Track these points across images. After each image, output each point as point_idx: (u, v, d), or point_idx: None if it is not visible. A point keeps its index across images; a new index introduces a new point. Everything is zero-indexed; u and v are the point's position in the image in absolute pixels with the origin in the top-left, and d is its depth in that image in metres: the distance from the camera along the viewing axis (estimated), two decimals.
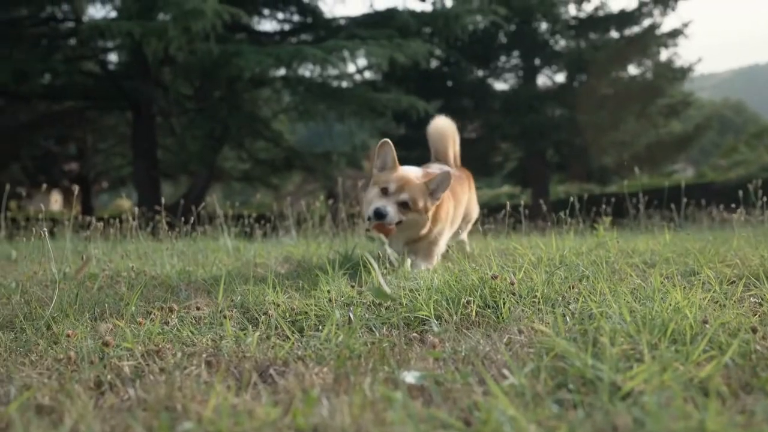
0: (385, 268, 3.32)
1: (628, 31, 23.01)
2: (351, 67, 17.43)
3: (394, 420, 1.33)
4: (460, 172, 4.33)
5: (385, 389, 1.50)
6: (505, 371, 1.65)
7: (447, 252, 4.19)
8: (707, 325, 1.95)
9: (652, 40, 22.63)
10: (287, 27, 18.67)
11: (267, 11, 18.27)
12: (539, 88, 23.78)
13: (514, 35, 22.56)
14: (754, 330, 1.90)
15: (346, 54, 14.64)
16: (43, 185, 10.12)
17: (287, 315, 2.42)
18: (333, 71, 16.55)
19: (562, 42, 23.43)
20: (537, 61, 23.57)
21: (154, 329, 2.16)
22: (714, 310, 2.23)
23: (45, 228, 3.15)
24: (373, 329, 2.21)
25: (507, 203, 4.85)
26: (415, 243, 3.74)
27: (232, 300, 2.71)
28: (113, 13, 17.29)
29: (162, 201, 5.65)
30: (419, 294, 2.50)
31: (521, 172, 25.34)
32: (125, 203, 26.19)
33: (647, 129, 23.17)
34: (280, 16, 18.47)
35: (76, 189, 4.57)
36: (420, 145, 4.49)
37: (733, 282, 2.79)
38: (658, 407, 1.31)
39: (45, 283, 3.33)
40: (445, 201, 3.74)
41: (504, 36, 22.70)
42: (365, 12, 17.51)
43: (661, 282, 2.54)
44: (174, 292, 3.11)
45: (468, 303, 2.36)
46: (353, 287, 2.82)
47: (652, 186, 16.76)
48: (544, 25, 23.07)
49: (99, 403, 1.58)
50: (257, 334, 2.07)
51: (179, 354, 1.91)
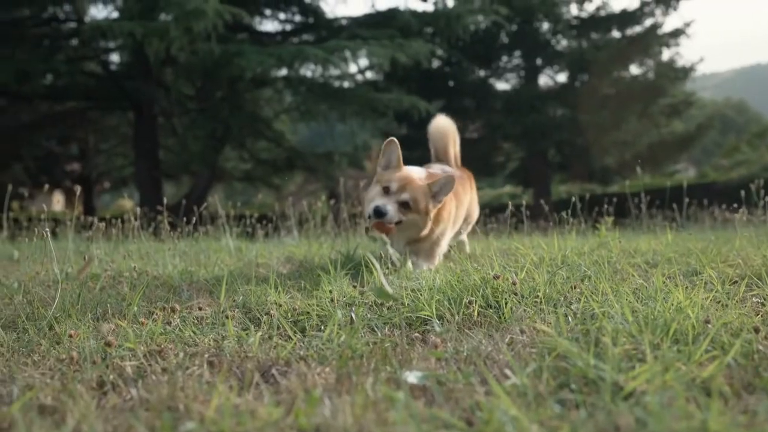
0: (387, 268, 3.31)
1: (629, 31, 23.01)
2: (352, 68, 17.46)
3: (396, 420, 1.33)
4: (461, 172, 4.29)
5: (387, 389, 1.50)
6: (507, 371, 1.65)
7: (449, 252, 4.18)
8: (709, 325, 1.95)
9: (653, 39, 22.62)
10: (289, 27, 18.68)
11: (269, 11, 18.28)
12: (541, 88, 23.79)
13: (515, 35, 22.56)
14: (756, 330, 1.90)
15: (347, 54, 14.65)
16: (45, 185, 10.08)
17: (289, 315, 2.42)
18: (334, 71, 16.57)
19: (563, 42, 23.44)
20: (539, 61, 23.57)
21: (156, 329, 2.16)
22: (716, 310, 2.23)
23: (47, 228, 3.15)
24: (375, 329, 2.21)
25: (509, 203, 4.83)
26: (417, 244, 3.70)
27: (234, 300, 2.71)
28: (115, 14, 17.30)
29: (164, 201, 5.65)
30: (421, 294, 2.50)
31: (523, 172, 25.34)
32: (127, 203, 26.26)
33: (649, 129, 23.17)
34: (281, 16, 18.49)
35: (78, 189, 4.57)
36: (421, 146, 4.47)
37: (736, 282, 2.79)
38: (660, 407, 1.31)
39: (47, 284, 3.33)
40: (448, 202, 3.69)
41: (505, 36, 22.71)
42: (367, 12, 17.53)
43: (664, 282, 2.54)
44: (176, 292, 3.11)
45: (470, 303, 2.36)
46: (355, 287, 2.82)
47: (654, 186, 16.71)
48: (545, 25, 23.07)
49: (101, 403, 1.59)
50: (259, 334, 2.07)
51: (181, 354, 1.92)
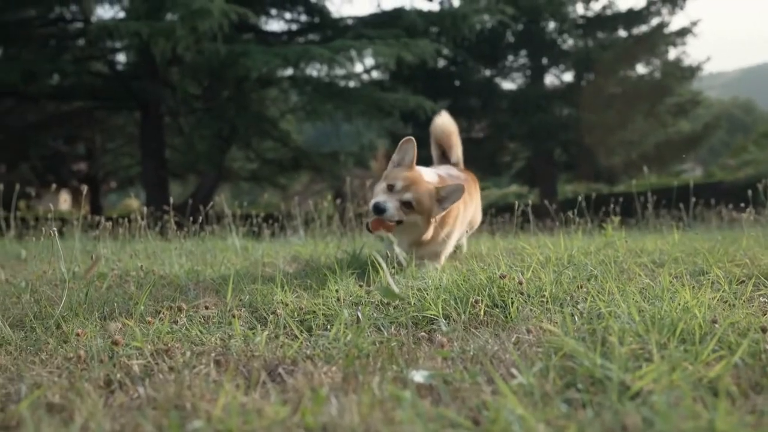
0: (394, 267, 3.31)
1: (636, 30, 22.96)
2: (358, 67, 17.47)
3: (402, 419, 1.33)
4: (465, 174, 4.20)
5: (394, 388, 1.50)
6: (514, 370, 1.65)
7: (453, 252, 4.16)
8: (716, 325, 1.95)
9: (660, 38, 22.57)
10: (295, 27, 18.70)
11: (274, 11, 18.31)
12: (547, 87, 23.75)
13: (521, 34, 22.53)
14: (763, 330, 1.90)
15: (353, 53, 14.63)
16: (52, 185, 10.14)
17: (296, 314, 2.43)
18: (340, 71, 16.55)
19: (569, 41, 23.40)
20: (545, 61, 23.54)
21: (163, 328, 2.17)
22: (723, 309, 2.23)
23: (54, 227, 3.16)
24: (382, 328, 2.21)
25: (516, 203, 4.81)
26: (422, 247, 3.60)
27: (240, 299, 2.71)
28: (121, 14, 17.38)
29: (170, 201, 5.66)
30: (427, 293, 2.50)
31: (529, 171, 25.31)
32: (134, 203, 26.30)
33: (656, 128, 23.11)
34: (287, 16, 18.51)
35: (84, 189, 4.57)
36: (428, 145, 4.44)
37: (743, 282, 2.78)
38: (667, 407, 1.31)
39: (54, 283, 3.35)
40: (454, 206, 3.62)
41: (511, 35, 22.69)
42: (372, 12, 17.55)
43: (670, 281, 2.54)
44: (183, 291, 3.11)
45: (476, 302, 2.36)
46: (361, 287, 2.83)
47: (660, 185, 16.73)
48: (551, 25, 23.04)
49: (109, 402, 1.59)
50: (266, 333, 2.08)
51: (188, 353, 1.92)
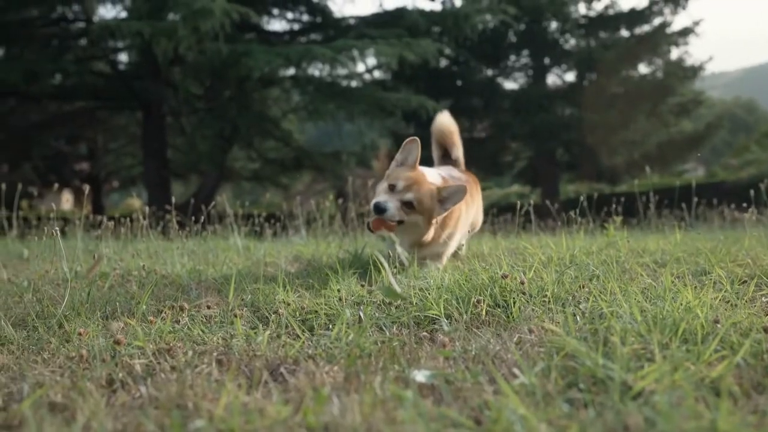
0: (395, 267, 3.31)
1: (638, 30, 22.94)
2: (360, 67, 17.49)
3: (404, 419, 1.33)
4: (467, 176, 4.14)
5: (396, 388, 1.50)
6: (516, 370, 1.65)
7: (454, 253, 4.16)
8: (718, 325, 1.94)
9: (662, 38, 22.54)
10: (297, 27, 18.71)
11: (276, 11, 18.31)
12: (549, 87, 23.74)
13: (523, 34, 22.53)
14: (766, 330, 1.89)
15: (355, 53, 14.64)
16: (55, 185, 10.19)
17: (297, 314, 2.43)
18: (342, 71, 16.58)
19: (572, 41, 23.39)
20: (547, 61, 23.53)
21: (165, 328, 2.17)
22: (725, 309, 2.22)
23: (56, 227, 3.16)
24: (384, 328, 2.21)
25: (518, 202, 4.81)
26: (424, 249, 3.57)
27: (242, 299, 2.71)
28: (123, 14, 17.40)
29: (172, 200, 5.67)
30: (429, 293, 2.50)
31: (531, 171, 25.30)
32: (136, 202, 26.34)
33: (658, 128, 23.09)
34: (289, 15, 18.51)
35: (86, 188, 4.60)
36: (430, 145, 4.43)
37: (745, 282, 2.77)
38: (669, 407, 1.30)
39: (57, 282, 3.35)
40: (456, 207, 3.56)
41: (513, 35, 22.68)
42: (375, 11, 17.56)
43: (672, 281, 2.53)
44: (185, 291, 3.12)
45: (478, 302, 2.36)
46: (363, 286, 2.83)
47: (662, 185, 16.68)
48: (553, 24, 23.03)
49: (111, 401, 1.59)
50: (268, 332, 2.08)
51: (190, 352, 1.92)
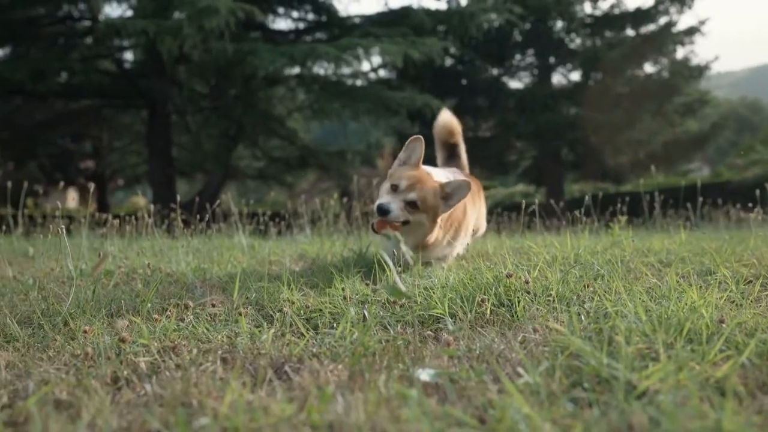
0: (400, 266, 3.30)
1: (644, 29, 22.88)
2: (365, 66, 17.46)
3: (408, 417, 1.33)
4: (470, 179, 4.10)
5: (400, 387, 1.50)
6: (520, 369, 1.65)
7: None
8: (724, 325, 1.94)
9: (668, 37, 22.47)
10: (302, 25, 18.71)
11: (282, 9, 18.31)
12: (554, 86, 23.70)
13: (529, 33, 22.49)
14: None
15: (360, 52, 14.63)
16: (60, 183, 10.20)
17: (302, 312, 2.43)
18: (347, 69, 16.57)
19: (577, 40, 23.36)
20: (552, 60, 23.49)
21: (169, 326, 2.18)
22: (730, 309, 2.22)
23: (62, 225, 3.17)
24: (388, 327, 2.21)
25: (524, 202, 4.80)
26: (427, 251, 3.52)
27: (247, 297, 2.72)
28: (129, 12, 17.45)
29: (177, 199, 5.67)
30: (434, 292, 2.50)
31: (536, 170, 25.26)
32: (141, 201, 26.35)
33: (663, 128, 23.02)
34: (294, 14, 18.52)
35: (92, 186, 4.59)
36: (434, 144, 4.41)
37: (750, 281, 2.77)
38: (674, 406, 1.30)
39: (62, 280, 3.36)
40: (459, 206, 3.52)
41: (519, 34, 22.64)
42: (380, 10, 17.58)
43: (677, 281, 2.53)
44: (189, 289, 3.12)
45: (482, 301, 2.36)
46: (368, 285, 2.83)
47: (668, 185, 16.66)
48: (559, 24, 22.99)
49: (116, 399, 1.60)
50: (272, 331, 2.08)
51: (195, 350, 1.93)
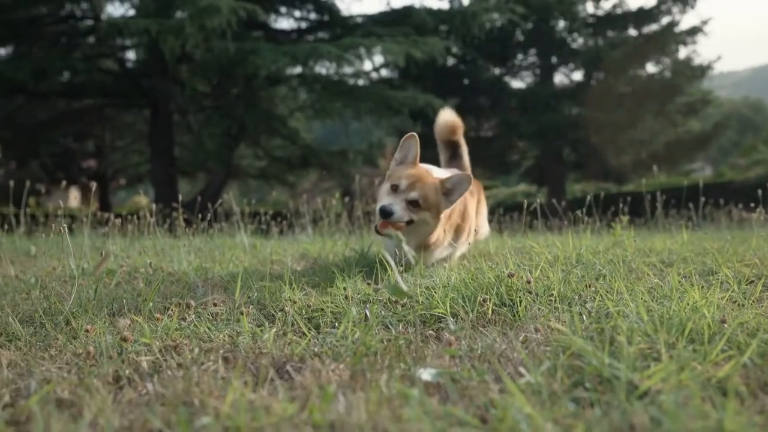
0: (402, 265, 3.30)
1: (646, 29, 22.86)
2: (367, 65, 17.48)
3: (410, 417, 1.33)
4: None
5: (402, 386, 1.50)
6: (522, 369, 1.65)
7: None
8: (725, 325, 1.94)
9: (670, 37, 22.45)
10: (304, 25, 18.72)
11: (284, 9, 18.32)
12: (556, 86, 23.69)
13: (531, 33, 22.49)
14: None
15: (362, 51, 14.62)
16: (62, 182, 10.21)
17: (304, 312, 2.43)
18: (349, 69, 16.56)
19: (579, 40, 23.34)
20: (554, 60, 23.48)
21: (171, 325, 2.18)
22: (732, 309, 2.22)
23: (64, 224, 3.17)
24: (390, 326, 2.21)
25: (525, 201, 4.79)
26: (429, 251, 3.48)
27: (248, 297, 2.72)
28: (131, 11, 17.46)
29: (179, 198, 5.67)
30: (435, 292, 2.50)
31: (538, 170, 25.26)
32: (143, 200, 26.35)
33: (666, 127, 23.00)
34: (297, 13, 18.53)
35: (94, 186, 4.59)
36: (435, 144, 4.40)
37: (752, 282, 2.76)
38: (675, 406, 1.30)
39: (64, 279, 3.36)
40: (460, 203, 3.48)
41: (521, 34, 22.64)
42: (382, 10, 17.59)
43: (679, 281, 2.53)
44: (191, 288, 3.12)
45: (484, 301, 2.36)
46: (369, 285, 2.83)
47: (670, 185, 16.66)
48: (561, 23, 22.99)
49: (118, 398, 1.60)
50: (274, 330, 2.08)
51: (197, 350, 1.93)
